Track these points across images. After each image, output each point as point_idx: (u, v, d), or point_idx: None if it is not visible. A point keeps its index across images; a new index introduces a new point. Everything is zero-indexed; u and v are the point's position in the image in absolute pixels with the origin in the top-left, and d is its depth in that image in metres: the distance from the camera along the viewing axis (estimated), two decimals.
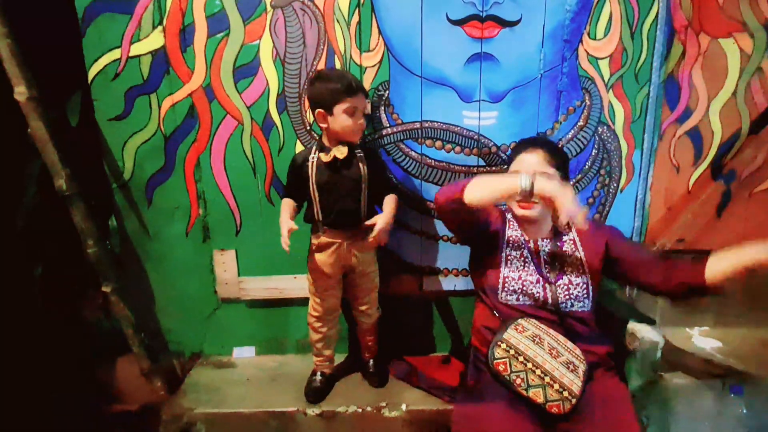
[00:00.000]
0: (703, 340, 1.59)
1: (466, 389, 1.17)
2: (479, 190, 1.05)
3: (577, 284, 1.13)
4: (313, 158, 1.20)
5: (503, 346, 1.07)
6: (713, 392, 1.40)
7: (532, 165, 1.12)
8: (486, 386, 1.08)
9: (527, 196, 1.00)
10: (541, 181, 0.99)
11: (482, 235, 1.19)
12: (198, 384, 1.42)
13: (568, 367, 1.04)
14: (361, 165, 1.21)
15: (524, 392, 1.03)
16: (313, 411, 1.29)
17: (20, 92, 1.19)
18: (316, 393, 1.33)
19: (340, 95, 1.13)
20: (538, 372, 1.03)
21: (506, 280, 1.14)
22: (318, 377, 1.36)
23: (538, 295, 1.12)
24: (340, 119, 1.15)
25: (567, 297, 1.12)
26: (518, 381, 1.04)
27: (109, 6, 1.28)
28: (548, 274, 1.14)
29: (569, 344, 1.07)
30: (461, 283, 1.51)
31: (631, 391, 1.17)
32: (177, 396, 1.37)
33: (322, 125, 1.19)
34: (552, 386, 1.02)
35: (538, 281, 1.13)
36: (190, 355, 1.57)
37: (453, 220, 1.16)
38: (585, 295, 1.12)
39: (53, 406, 1.44)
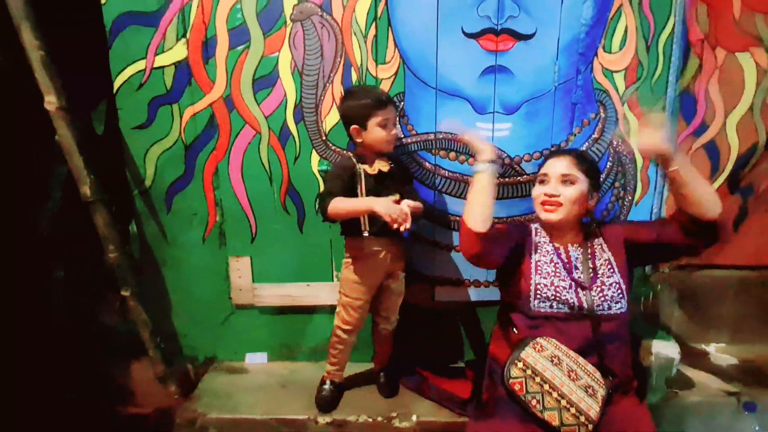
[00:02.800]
0: (719, 356, 1.56)
1: (479, 404, 1.16)
2: (469, 208, 1.11)
3: (611, 285, 1.11)
4: (359, 170, 1.22)
5: (520, 365, 1.04)
6: (728, 409, 1.37)
7: (559, 169, 1.14)
8: (500, 403, 1.07)
9: (498, 168, 1.13)
10: (482, 152, 1.13)
11: (510, 254, 1.17)
12: (211, 389, 1.44)
13: (586, 391, 1.01)
14: (398, 175, 1.26)
15: (540, 414, 1.01)
16: (323, 419, 1.30)
17: (50, 101, 1.24)
18: (327, 402, 1.33)
19: (371, 110, 1.18)
20: (555, 394, 1.01)
21: (538, 287, 1.12)
22: (328, 386, 1.36)
23: (572, 301, 1.10)
24: (374, 132, 1.19)
25: (602, 300, 1.10)
26: (534, 402, 1.02)
27: (136, 19, 1.33)
28: (581, 280, 1.12)
29: (589, 367, 1.05)
30: (473, 294, 1.51)
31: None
32: (190, 400, 1.38)
33: (357, 140, 1.23)
34: (569, 410, 0.99)
35: (570, 287, 1.11)
36: (203, 359, 1.59)
37: (488, 256, 1.13)
38: (620, 296, 1.10)
39: (68, 407, 1.47)
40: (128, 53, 1.35)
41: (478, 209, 1.09)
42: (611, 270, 1.12)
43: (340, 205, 1.17)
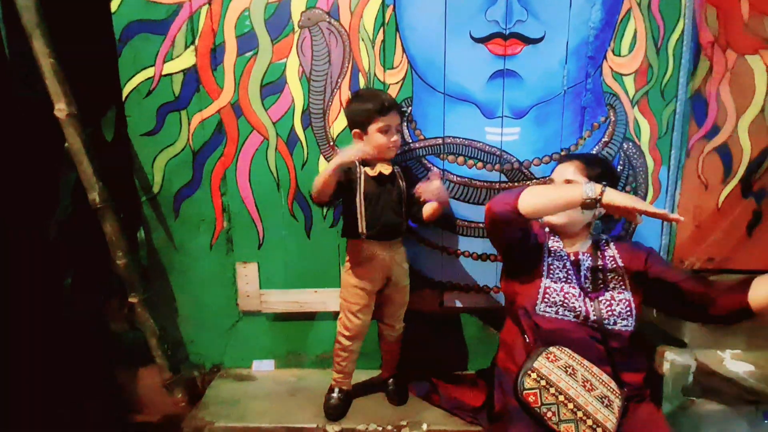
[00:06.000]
0: (735, 363, 1.52)
1: (491, 416, 1.14)
2: (536, 200, 1.01)
3: (620, 301, 1.08)
4: (359, 171, 1.22)
5: (534, 375, 1.02)
6: (746, 419, 1.34)
7: (565, 175, 1.13)
8: (514, 415, 1.05)
9: (592, 205, 0.95)
10: (612, 192, 0.94)
11: (524, 247, 1.15)
12: (218, 397, 1.43)
13: (602, 402, 0.99)
14: (400, 180, 1.25)
15: (555, 426, 0.98)
16: (332, 428, 1.28)
17: (60, 109, 1.25)
18: (335, 410, 1.32)
19: (372, 115, 1.17)
20: (570, 406, 0.98)
21: (547, 290, 1.09)
22: (336, 394, 1.35)
23: (579, 309, 1.08)
24: (375, 138, 1.19)
25: (610, 314, 1.07)
26: (549, 414, 0.99)
27: (145, 27, 1.34)
28: (589, 289, 1.10)
29: (604, 377, 1.03)
30: (483, 300, 1.49)
31: None
32: (197, 408, 1.37)
33: (359, 143, 1.23)
34: (585, 422, 0.97)
35: (579, 295, 1.09)
36: (210, 366, 1.58)
37: (503, 232, 1.10)
38: (628, 313, 1.08)
39: (76, 413, 1.46)
40: (137, 61, 1.36)
41: (539, 201, 1.00)
42: (623, 286, 1.10)
43: (315, 180, 1.17)
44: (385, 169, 1.22)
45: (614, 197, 0.94)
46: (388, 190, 1.23)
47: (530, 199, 1.01)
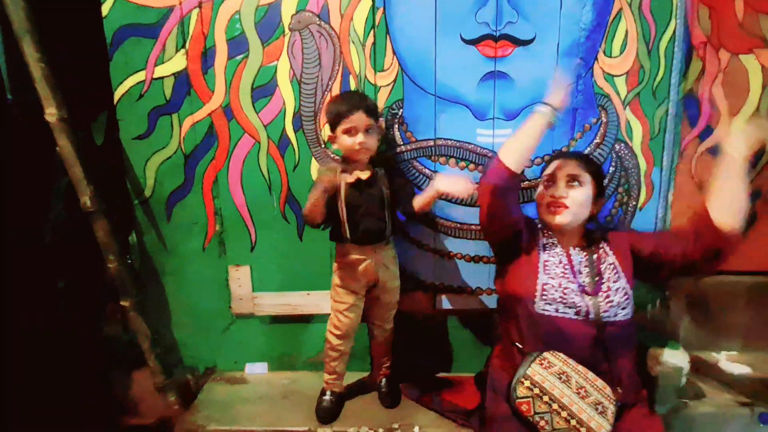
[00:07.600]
0: (730, 365, 1.52)
1: (484, 419, 1.14)
2: (510, 144, 1.08)
3: (617, 290, 1.07)
4: (340, 178, 1.20)
5: (527, 383, 1.01)
6: (741, 421, 1.33)
7: (567, 170, 1.11)
8: (505, 421, 1.04)
9: (559, 116, 1.07)
10: (553, 97, 1.06)
11: (519, 242, 1.14)
12: (211, 400, 1.43)
13: (596, 409, 0.98)
14: (382, 184, 1.23)
15: None
16: (324, 431, 1.28)
17: (51, 113, 1.25)
18: (327, 413, 1.31)
19: (338, 116, 1.17)
20: (564, 414, 0.97)
21: (545, 287, 1.07)
22: (328, 396, 1.35)
23: (579, 306, 1.06)
24: (341, 139, 1.18)
25: (609, 306, 1.06)
26: (542, 423, 0.98)
27: (136, 31, 1.34)
28: (585, 285, 1.09)
29: (599, 382, 1.02)
30: (476, 302, 1.48)
31: None
32: (190, 412, 1.37)
33: (334, 146, 1.23)
34: (579, 430, 0.97)
35: (578, 290, 1.08)
36: (203, 370, 1.58)
37: (506, 210, 1.08)
38: (627, 302, 1.08)
39: (69, 417, 1.47)
40: (128, 64, 1.36)
41: (518, 147, 1.06)
42: (617, 275, 1.09)
43: (306, 205, 1.20)
44: (363, 174, 1.20)
45: (559, 93, 1.07)
46: (369, 195, 1.21)
47: (509, 153, 1.07)
